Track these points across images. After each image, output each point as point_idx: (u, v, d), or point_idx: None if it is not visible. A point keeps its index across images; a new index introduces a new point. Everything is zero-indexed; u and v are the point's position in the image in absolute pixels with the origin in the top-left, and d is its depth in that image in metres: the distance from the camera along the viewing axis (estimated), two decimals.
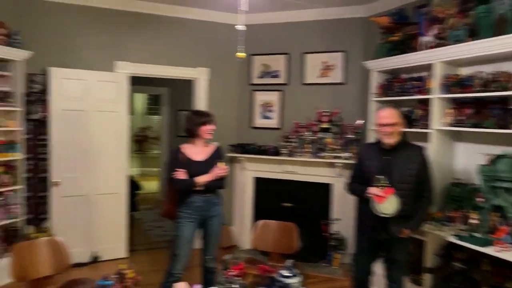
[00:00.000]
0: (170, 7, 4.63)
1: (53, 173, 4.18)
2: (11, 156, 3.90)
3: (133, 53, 4.61)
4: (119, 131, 4.51)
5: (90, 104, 4.33)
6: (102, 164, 4.43)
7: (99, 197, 4.43)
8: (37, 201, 4.22)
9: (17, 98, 3.94)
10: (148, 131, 10.90)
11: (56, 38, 4.27)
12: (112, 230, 4.52)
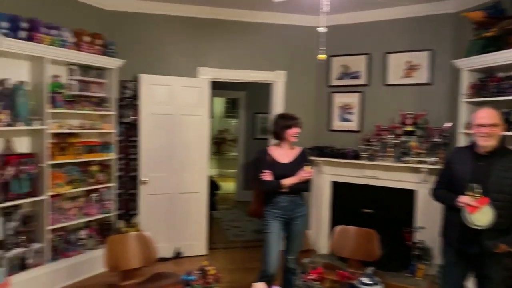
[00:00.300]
0: (249, 13, 4.74)
1: (141, 172, 4.49)
2: (106, 156, 4.26)
3: (214, 59, 4.79)
4: (201, 134, 4.71)
5: (175, 108, 4.58)
6: (185, 165, 4.65)
7: (182, 195, 4.66)
8: (127, 198, 4.56)
9: (111, 103, 4.30)
10: (226, 134, 11.27)
11: (146, 47, 4.59)
12: (194, 228, 4.73)
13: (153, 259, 3.19)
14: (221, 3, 4.53)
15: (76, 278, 3.88)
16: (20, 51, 3.35)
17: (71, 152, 3.95)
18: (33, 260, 3.60)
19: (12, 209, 3.56)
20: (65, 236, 3.98)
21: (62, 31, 3.73)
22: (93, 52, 3.99)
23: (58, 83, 3.81)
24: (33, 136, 3.71)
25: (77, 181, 4.03)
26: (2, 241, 3.45)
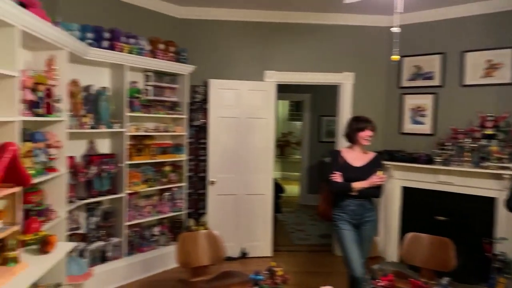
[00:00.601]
0: (317, 15, 4.71)
1: (210, 173, 4.64)
2: (178, 157, 4.46)
3: (280, 62, 4.83)
4: (266, 137, 4.77)
5: (242, 111, 4.68)
6: (251, 167, 4.73)
7: (248, 197, 4.74)
8: (197, 198, 4.74)
9: (183, 107, 4.50)
10: (289, 137, 11.27)
11: (215, 53, 4.75)
12: (259, 229, 4.79)
13: (221, 258, 3.28)
14: (289, 7, 4.56)
15: (150, 272, 4.10)
16: (103, 60, 3.64)
17: (147, 153, 4.20)
18: (112, 253, 3.87)
19: (94, 205, 3.87)
20: (140, 232, 4.23)
21: (139, 40, 3.98)
22: (167, 59, 4.21)
23: (136, 89, 4.07)
24: (113, 138, 4.00)
25: (151, 180, 4.27)
26: (85, 234, 3.76)
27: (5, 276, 1.83)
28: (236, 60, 4.79)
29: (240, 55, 4.80)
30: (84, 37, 3.49)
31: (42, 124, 3.01)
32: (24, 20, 2.30)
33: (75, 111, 3.48)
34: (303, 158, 8.13)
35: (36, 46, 2.90)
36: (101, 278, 3.63)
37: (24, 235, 2.22)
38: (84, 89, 3.69)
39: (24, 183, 1.95)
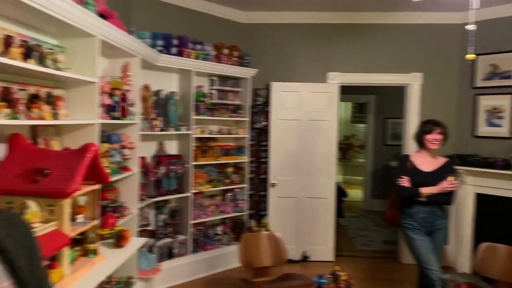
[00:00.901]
0: (382, 14, 4.58)
1: (271, 175, 4.68)
2: (240, 159, 4.56)
3: (344, 63, 4.75)
4: (329, 139, 4.71)
5: (303, 113, 4.67)
6: (313, 170, 4.70)
7: (310, 200, 4.71)
8: (258, 199, 4.81)
9: (245, 110, 4.59)
10: (352, 139, 11.00)
11: (277, 56, 4.79)
12: (321, 233, 4.74)
13: (283, 260, 3.30)
14: (354, 7, 4.48)
15: (213, 271, 4.23)
16: (172, 65, 3.82)
17: (211, 155, 4.34)
18: (178, 250, 4.04)
19: (163, 203, 4.07)
20: (204, 230, 4.38)
21: (205, 46, 4.13)
22: (231, 63, 4.32)
23: (202, 93, 4.23)
24: (180, 139, 4.19)
25: (215, 181, 4.40)
26: (154, 231, 3.96)
27: (86, 266, 1.99)
28: (298, 63, 4.80)
29: (303, 57, 4.79)
30: (155, 44, 3.70)
31: (117, 127, 3.24)
32: (104, 30, 2.50)
33: (146, 115, 3.70)
34: (366, 162, 7.90)
35: (112, 54, 3.13)
36: (168, 274, 3.80)
37: (102, 230, 2.40)
38: (155, 94, 3.90)
39: (103, 181, 2.11)
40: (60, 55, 2.29)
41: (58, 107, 2.32)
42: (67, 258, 1.85)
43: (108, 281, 3.00)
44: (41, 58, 2.13)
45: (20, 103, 2.01)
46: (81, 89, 2.51)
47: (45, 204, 1.77)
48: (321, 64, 4.77)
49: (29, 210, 1.66)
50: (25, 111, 2.04)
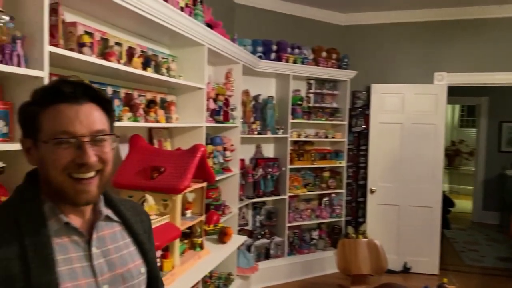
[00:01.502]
0: (497, 8, 4.14)
1: (370, 181, 4.51)
2: (337, 163, 4.48)
3: (452, 63, 4.39)
4: (434, 144, 4.39)
5: (406, 117, 4.42)
6: (416, 176, 4.42)
7: (411, 209, 4.44)
8: (356, 205, 4.67)
9: (343, 113, 4.50)
10: (460, 145, 10.07)
11: (377, 57, 4.62)
12: (424, 244, 4.42)
13: (382, 269, 3.16)
14: (464, 2, 4.13)
15: (309, 275, 4.21)
16: (270, 70, 3.92)
17: (307, 158, 4.34)
18: (274, 252, 4.11)
19: (260, 204, 4.18)
20: (299, 234, 4.39)
21: (303, 50, 4.16)
22: (329, 66, 4.28)
23: (299, 97, 4.26)
24: (277, 143, 4.27)
25: (311, 185, 4.39)
26: (252, 231, 4.09)
27: (194, 259, 2.14)
28: (401, 63, 4.57)
29: (406, 57, 4.55)
30: (255, 51, 3.84)
31: (220, 130, 3.42)
32: (211, 39, 2.67)
33: (246, 118, 3.84)
34: (477, 170, 7.17)
35: (216, 61, 3.33)
36: (265, 274, 3.89)
37: (207, 225, 2.56)
38: (253, 98, 4.04)
39: (210, 180, 2.25)
40: (172, 63, 2.50)
41: (171, 111, 2.54)
42: (178, 249, 2.01)
43: (210, 276, 3.17)
44: (157, 67, 2.36)
45: (139, 108, 2.25)
46: (190, 95, 2.72)
47: (160, 198, 1.95)
48: (427, 64, 4.48)
49: (147, 203, 1.84)
50: (144, 115, 2.27)
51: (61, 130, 0.79)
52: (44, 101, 0.80)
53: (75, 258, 0.82)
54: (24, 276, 0.73)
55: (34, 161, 0.84)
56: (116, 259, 0.88)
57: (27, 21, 1.42)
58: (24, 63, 1.38)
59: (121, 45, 2.09)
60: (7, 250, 0.74)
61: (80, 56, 1.63)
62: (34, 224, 0.78)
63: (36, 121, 0.80)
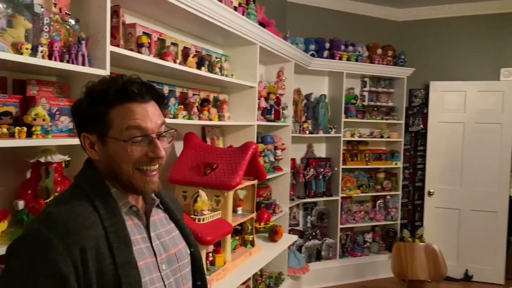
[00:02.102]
0: None
1: (428, 183, 4.30)
2: (392, 164, 4.31)
3: None
4: (501, 145, 4.09)
5: (468, 115, 4.17)
6: (478, 179, 4.15)
7: (474, 213, 4.17)
8: (412, 208, 4.48)
9: (399, 112, 4.33)
10: None
11: (436, 53, 4.39)
12: (487, 251, 4.14)
13: (441, 275, 2.99)
14: None
15: (362, 278, 4.09)
16: (323, 68, 3.86)
17: (361, 159, 4.22)
18: (325, 253, 4.04)
19: (311, 205, 4.13)
20: (352, 236, 4.28)
21: (357, 47, 4.06)
22: (385, 64, 4.14)
23: (353, 95, 4.16)
24: (329, 142, 4.20)
25: (364, 186, 4.26)
26: (303, 232, 4.05)
27: (245, 255, 2.15)
28: (462, 59, 4.31)
29: (468, 53, 4.28)
30: (307, 49, 3.80)
31: (271, 129, 3.42)
32: (263, 38, 2.68)
33: (297, 117, 3.82)
34: None
35: (268, 60, 3.34)
36: (316, 275, 3.83)
37: (257, 223, 2.57)
38: (305, 97, 4.00)
39: (261, 177, 2.25)
40: (225, 63, 2.54)
41: (223, 110, 2.58)
42: (229, 245, 2.04)
43: (260, 274, 3.18)
44: (211, 66, 2.41)
45: (194, 106, 2.31)
46: (242, 94, 2.75)
47: (213, 194, 1.99)
48: (492, 60, 4.19)
49: (200, 198, 1.88)
50: (197, 113, 2.33)
51: (134, 126, 0.84)
52: (114, 100, 0.85)
53: (140, 239, 0.89)
54: (110, 254, 0.79)
55: (97, 156, 0.89)
56: (168, 241, 0.96)
57: (91, 23, 1.51)
58: (88, 63, 1.47)
59: (177, 45, 2.15)
60: (95, 230, 0.80)
61: (139, 56, 1.70)
62: (109, 208, 0.85)
63: (106, 119, 0.85)
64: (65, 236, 0.76)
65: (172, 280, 0.93)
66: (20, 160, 1.45)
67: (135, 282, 0.80)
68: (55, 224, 0.78)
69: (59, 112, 1.46)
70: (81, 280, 0.75)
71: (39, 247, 0.75)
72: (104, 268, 0.78)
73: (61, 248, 0.74)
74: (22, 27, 1.27)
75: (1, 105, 1.30)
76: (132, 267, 0.81)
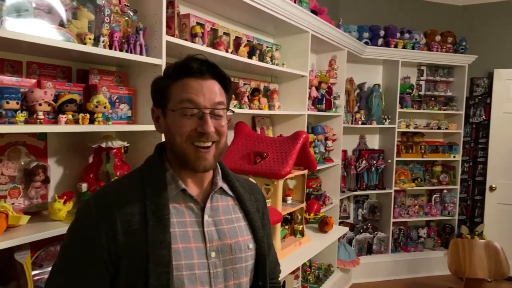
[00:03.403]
0: None
1: (489, 178, 4.05)
2: (450, 157, 4.10)
3: None
4: None
5: None
6: None
7: None
8: (471, 204, 4.24)
9: (459, 102, 4.09)
10: None
11: (501, 39, 4.08)
12: None
13: (503, 275, 2.81)
14: None
15: (415, 274, 3.94)
16: (377, 57, 3.73)
17: (416, 151, 4.05)
18: (377, 247, 3.94)
19: (362, 198, 4.04)
20: (405, 231, 4.14)
21: (414, 34, 3.88)
22: (444, 51, 3.92)
23: (408, 84, 3.99)
24: (382, 133, 4.07)
25: (420, 180, 4.09)
26: (353, 225, 3.97)
27: (294, 244, 2.15)
28: None
29: None
30: (361, 36, 3.68)
31: (322, 119, 3.38)
32: (316, 26, 2.63)
33: (350, 107, 3.73)
34: None
35: (319, 49, 3.28)
36: (366, 269, 3.75)
37: (307, 214, 2.56)
38: (358, 87, 3.89)
39: (311, 167, 2.23)
40: (276, 52, 2.53)
41: (274, 99, 2.57)
42: (279, 234, 2.05)
43: (310, 265, 3.17)
44: (262, 56, 2.41)
45: (244, 96, 2.32)
46: (292, 83, 2.73)
47: (263, 183, 2.00)
48: None
49: None
50: (248, 102, 2.34)
51: (187, 99, 0.87)
52: (175, 75, 0.90)
53: (189, 222, 0.89)
54: (142, 231, 0.82)
55: (161, 129, 0.94)
56: (226, 230, 0.93)
57: (148, 14, 1.56)
58: (145, 52, 1.52)
59: (229, 35, 2.17)
60: (131, 208, 0.84)
61: (193, 46, 1.74)
62: (155, 188, 0.88)
63: (167, 92, 0.90)
64: (102, 209, 0.84)
65: (220, 270, 0.90)
66: (83, 145, 1.54)
67: (164, 263, 0.81)
68: (100, 197, 0.88)
69: (118, 100, 1.53)
70: (112, 251, 0.81)
71: (82, 214, 0.86)
72: (134, 244, 0.81)
73: (95, 219, 0.83)
74: (86, 18, 1.34)
75: (67, 93, 1.38)
76: (164, 247, 0.82)
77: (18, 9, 1.14)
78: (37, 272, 1.34)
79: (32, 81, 1.33)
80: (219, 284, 0.89)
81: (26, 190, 1.39)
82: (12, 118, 1.19)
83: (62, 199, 1.35)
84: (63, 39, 1.26)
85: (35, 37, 1.15)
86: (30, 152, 1.42)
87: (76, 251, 0.83)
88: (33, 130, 1.30)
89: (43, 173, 1.40)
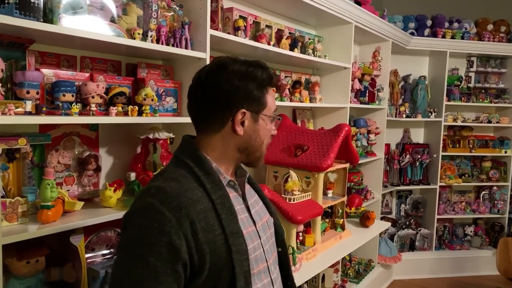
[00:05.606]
0: None
1: None
2: (501, 152, 3.89)
3: None
4: None
5: None
6: None
7: None
8: None
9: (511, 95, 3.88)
10: None
11: None
12: None
13: None
14: None
15: (460, 273, 3.80)
16: (423, 48, 3.60)
17: (464, 146, 3.88)
18: (420, 244, 3.83)
19: (406, 193, 3.93)
20: (450, 228, 3.99)
21: (464, 23, 3.70)
22: (496, 41, 3.72)
23: (456, 76, 3.82)
24: (428, 127, 3.93)
25: (467, 176, 3.93)
26: (395, 220, 3.88)
27: (334, 238, 2.14)
28: None
29: None
30: (406, 27, 3.57)
31: (364, 112, 3.31)
32: (359, 16, 2.58)
33: (394, 100, 3.63)
34: None
35: (362, 40, 3.21)
36: (408, 266, 3.66)
37: (348, 208, 2.53)
38: (403, 79, 3.78)
39: (353, 161, 2.20)
40: (318, 44, 2.51)
41: (315, 92, 2.56)
42: (319, 227, 2.04)
43: (350, 259, 3.14)
44: (303, 48, 2.40)
45: (285, 88, 2.32)
46: (334, 75, 2.69)
47: (303, 176, 2.00)
48: None
49: (291, 179, 1.91)
50: (289, 95, 2.34)
51: (275, 108, 1.01)
52: (269, 84, 0.97)
53: (240, 209, 0.95)
54: (219, 225, 0.86)
55: (241, 131, 0.94)
56: (259, 210, 1.02)
57: (193, 9, 1.60)
58: (190, 46, 1.56)
59: (271, 27, 2.17)
60: (203, 204, 0.86)
61: (236, 39, 1.76)
62: (214, 182, 0.91)
63: (263, 100, 0.96)
64: (176, 210, 0.81)
65: (268, 247, 0.98)
66: (132, 136, 1.61)
67: (243, 250, 0.87)
68: (167, 198, 0.82)
69: (165, 93, 1.58)
70: (193, 251, 0.81)
71: (153, 219, 0.80)
72: (215, 238, 0.84)
73: (174, 222, 0.79)
74: (135, 14, 1.40)
75: (117, 86, 1.45)
76: (240, 236, 0.87)
77: (74, 7, 1.21)
78: (89, 255, 1.42)
79: (85, 75, 1.41)
80: (270, 260, 0.98)
81: (80, 178, 1.47)
82: (68, 110, 1.26)
83: (112, 187, 1.42)
84: (114, 34, 1.32)
85: (89, 33, 1.21)
86: (83, 142, 1.50)
87: (157, 259, 0.77)
88: (86, 121, 1.38)
89: (95, 162, 1.48)
